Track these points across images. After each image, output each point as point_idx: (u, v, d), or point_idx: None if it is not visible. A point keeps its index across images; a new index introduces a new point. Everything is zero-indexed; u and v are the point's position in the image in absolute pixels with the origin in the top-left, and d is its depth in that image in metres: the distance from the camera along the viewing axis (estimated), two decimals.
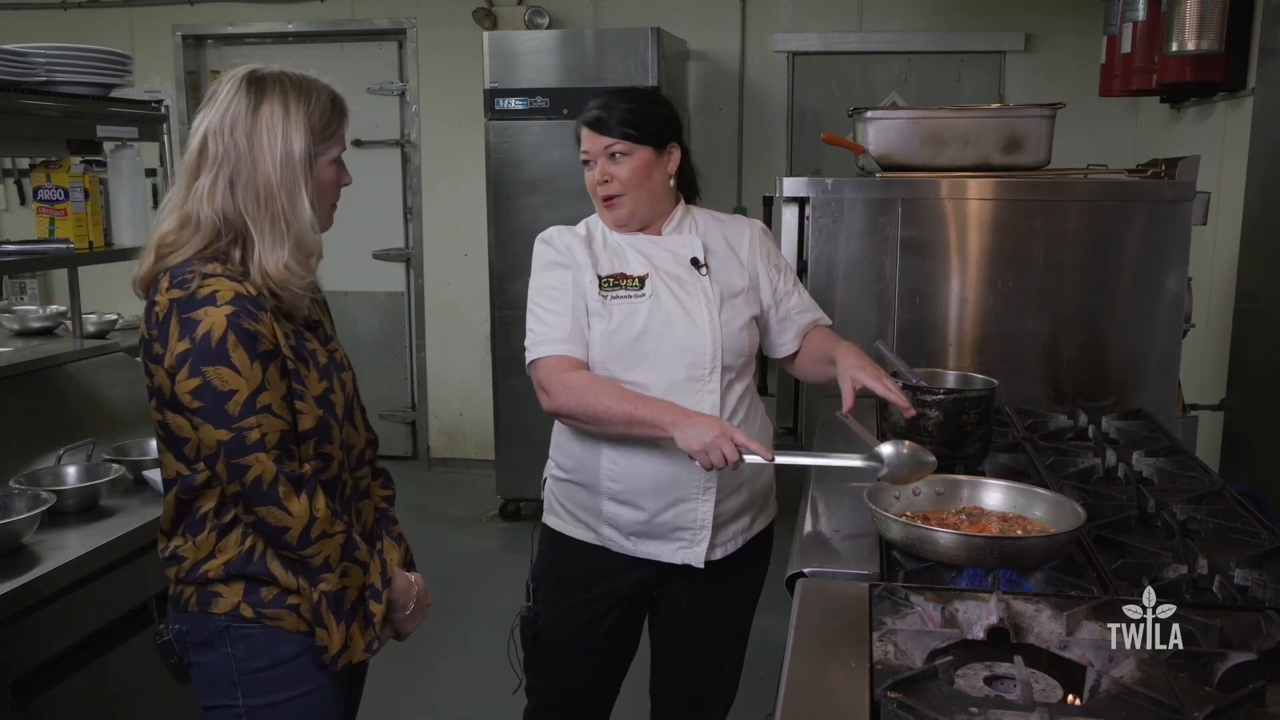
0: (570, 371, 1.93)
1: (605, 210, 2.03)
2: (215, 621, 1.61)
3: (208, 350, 1.48)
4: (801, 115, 5.25)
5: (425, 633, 1.79)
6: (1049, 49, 4.97)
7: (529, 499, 4.78)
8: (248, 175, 1.55)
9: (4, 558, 1.93)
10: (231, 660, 1.62)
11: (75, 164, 2.83)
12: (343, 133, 1.66)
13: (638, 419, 1.84)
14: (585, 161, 2.03)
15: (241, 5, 5.63)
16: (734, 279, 2.05)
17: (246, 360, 1.49)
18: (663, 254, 2.02)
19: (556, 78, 4.56)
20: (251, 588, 1.60)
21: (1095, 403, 2.57)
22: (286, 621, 1.61)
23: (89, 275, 3.32)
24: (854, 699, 1.18)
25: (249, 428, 1.48)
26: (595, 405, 1.88)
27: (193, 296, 1.50)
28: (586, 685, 2.17)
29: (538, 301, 2.00)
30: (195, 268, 1.53)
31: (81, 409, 2.78)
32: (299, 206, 1.57)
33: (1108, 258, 2.63)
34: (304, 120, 1.57)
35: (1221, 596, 1.45)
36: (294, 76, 1.61)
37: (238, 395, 1.48)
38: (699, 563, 2.01)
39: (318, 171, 1.61)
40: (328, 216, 1.68)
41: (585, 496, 2.03)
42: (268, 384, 1.51)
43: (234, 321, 1.49)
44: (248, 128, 1.55)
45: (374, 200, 5.65)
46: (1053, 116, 2.71)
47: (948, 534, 1.54)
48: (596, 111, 2.02)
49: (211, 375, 1.48)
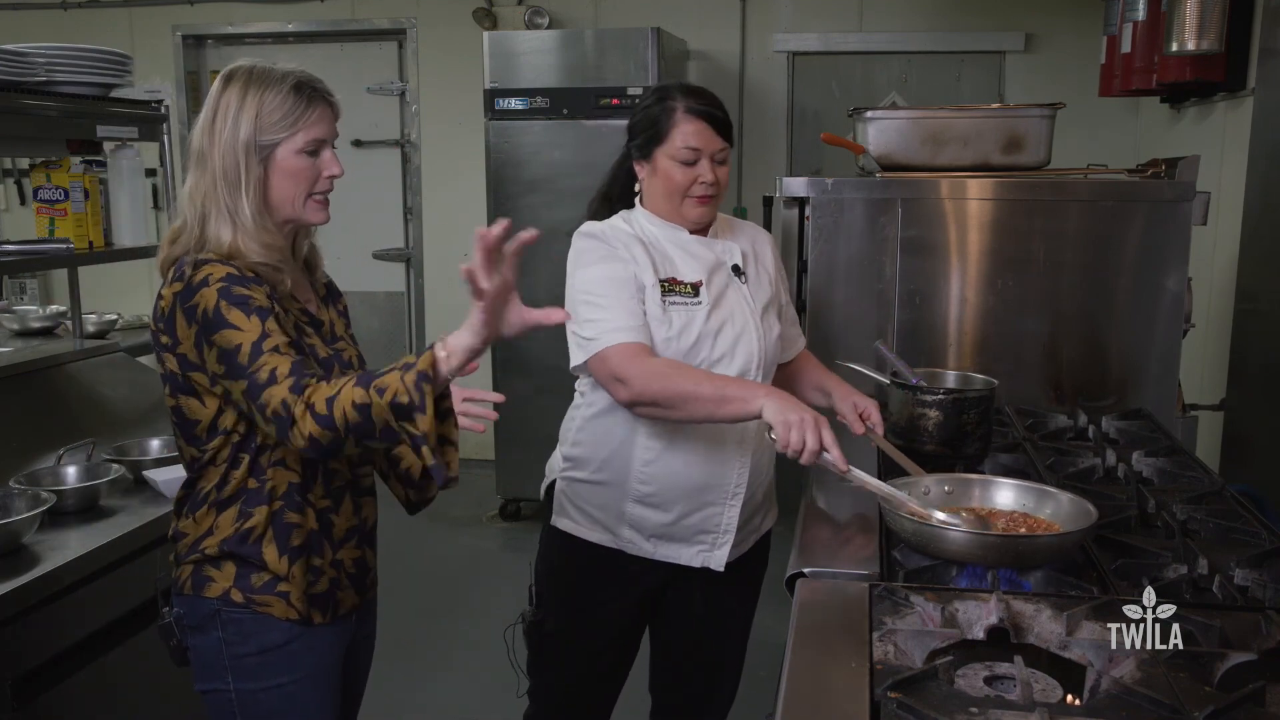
0: (647, 357, 1.86)
1: (696, 206, 1.96)
2: (208, 605, 1.64)
3: (209, 323, 1.53)
4: (801, 115, 5.25)
5: (425, 633, 1.79)
6: (1049, 49, 4.97)
7: (529, 499, 4.78)
8: (206, 165, 1.60)
9: (4, 558, 1.93)
10: (223, 644, 1.65)
11: (75, 164, 2.84)
12: (311, 120, 1.61)
13: (728, 396, 1.77)
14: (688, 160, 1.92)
15: (241, 5, 5.64)
16: (764, 288, 2.05)
17: (243, 317, 1.52)
18: (710, 257, 1.99)
19: (556, 78, 4.56)
20: (243, 572, 1.63)
21: (1095, 403, 2.57)
22: (275, 608, 1.64)
23: (89, 275, 3.33)
24: (854, 699, 1.18)
25: (258, 368, 1.50)
26: (683, 387, 1.80)
27: (189, 285, 1.55)
28: (591, 688, 2.16)
29: (595, 292, 1.91)
30: (191, 258, 1.58)
31: (81, 409, 2.78)
32: (238, 197, 1.58)
33: (1108, 258, 2.63)
34: (255, 110, 1.58)
35: (1221, 596, 1.45)
36: (261, 68, 1.61)
37: (243, 347, 1.51)
38: (720, 566, 2.01)
39: (278, 161, 1.60)
40: (307, 207, 1.65)
41: (607, 497, 2.00)
42: (269, 331, 1.52)
43: (224, 291, 1.53)
44: (210, 120, 1.60)
45: (374, 200, 5.66)
46: (1053, 116, 2.71)
47: (960, 532, 1.55)
48: (716, 110, 1.95)
49: (219, 340, 1.52)
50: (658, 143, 1.95)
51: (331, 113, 1.65)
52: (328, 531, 1.69)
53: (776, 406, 1.71)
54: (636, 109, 2.02)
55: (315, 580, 1.67)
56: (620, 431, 1.97)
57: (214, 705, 1.69)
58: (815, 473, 2.05)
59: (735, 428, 1.95)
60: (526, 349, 4.69)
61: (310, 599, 1.67)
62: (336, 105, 1.66)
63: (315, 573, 1.67)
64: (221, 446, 1.62)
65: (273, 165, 1.60)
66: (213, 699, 1.69)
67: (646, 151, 1.97)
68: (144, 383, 2.93)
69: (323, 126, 1.63)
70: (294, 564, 1.63)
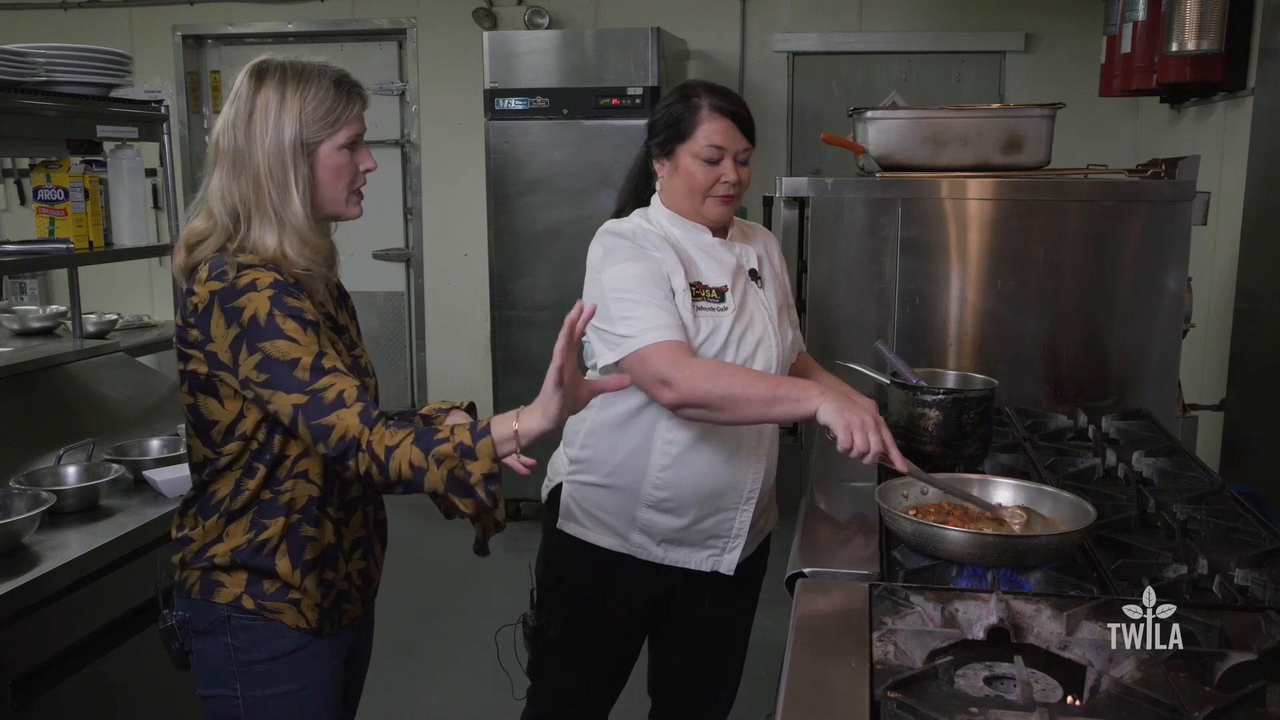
0: (691, 358, 1.80)
1: (718, 206, 1.93)
2: (217, 610, 1.62)
3: (258, 329, 1.49)
4: (801, 115, 5.25)
5: (425, 633, 1.78)
6: (1049, 49, 4.97)
7: (529, 499, 4.78)
8: (246, 166, 1.56)
9: (4, 558, 1.93)
10: (231, 650, 1.62)
11: (75, 164, 2.84)
12: (352, 116, 1.62)
13: (780, 396, 1.73)
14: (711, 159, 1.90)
15: (241, 5, 5.64)
16: (778, 291, 2.05)
17: (299, 330, 1.50)
18: (731, 261, 1.97)
19: (556, 78, 4.56)
20: (255, 579, 1.61)
21: (1095, 403, 2.57)
22: (287, 616, 1.62)
23: (89, 275, 3.33)
24: (854, 699, 1.18)
25: (323, 389, 1.47)
26: (734, 388, 1.74)
27: (233, 287, 1.51)
28: (592, 692, 2.16)
29: (630, 289, 1.84)
30: (232, 259, 1.54)
31: (81, 409, 2.78)
32: (288, 198, 1.55)
33: (1108, 258, 2.63)
34: (298, 108, 1.56)
35: (1221, 596, 1.45)
36: (297, 64, 1.59)
37: (302, 361, 1.48)
38: (730, 570, 2.00)
39: (322, 159, 1.59)
40: (349, 203, 1.65)
41: (619, 502, 1.98)
42: (326, 349, 1.51)
43: (277, 300, 1.50)
44: (245, 119, 1.56)
45: (374, 200, 5.57)
46: (1053, 116, 2.71)
47: (959, 532, 1.55)
48: (741, 110, 1.94)
49: (269, 348, 1.49)
50: (680, 140, 1.92)
51: (364, 107, 1.65)
52: (340, 544, 1.68)
53: (834, 407, 1.68)
54: (659, 105, 2.00)
55: (327, 593, 1.66)
56: (635, 436, 1.95)
57: (217, 711, 1.67)
58: (815, 473, 2.05)
59: (751, 431, 1.94)
60: (526, 349, 4.69)
61: (321, 610, 1.65)
62: (368, 99, 1.66)
63: (327, 586, 1.66)
64: (239, 453, 1.59)
65: (316, 163, 1.59)
66: (216, 705, 1.66)
67: (668, 149, 1.94)
68: (144, 383, 2.93)
69: (359, 122, 1.63)
70: (306, 577, 1.62)
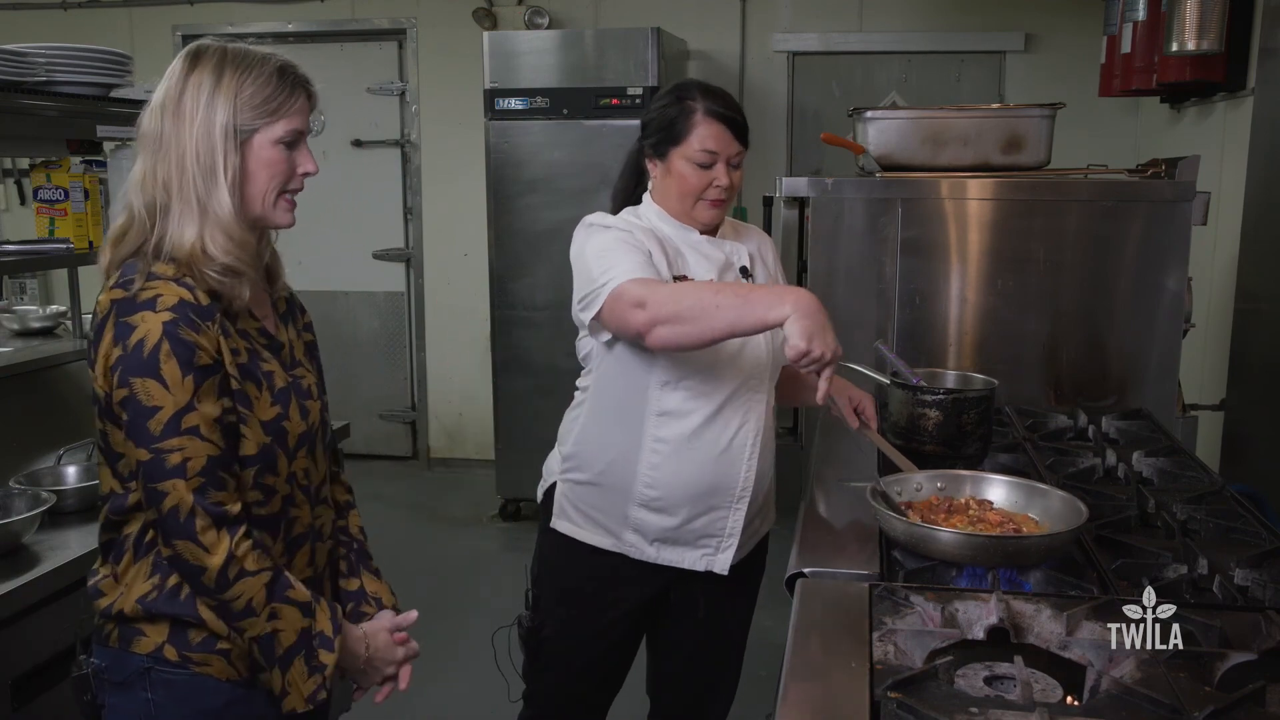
0: (662, 283, 1.78)
1: (708, 210, 1.93)
2: (136, 661, 1.45)
3: (139, 360, 1.35)
4: (801, 115, 5.25)
5: (424, 633, 1.78)
6: (1049, 49, 4.97)
7: (529, 499, 4.77)
8: (170, 150, 1.42)
9: (4, 558, 1.93)
10: (150, 706, 1.45)
11: (75, 164, 2.83)
12: (293, 110, 1.46)
13: (751, 300, 1.67)
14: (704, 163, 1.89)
15: (241, 5, 5.64)
16: None
17: (178, 374, 1.35)
18: (720, 257, 1.97)
19: (556, 78, 4.56)
20: (178, 629, 1.44)
21: (1095, 403, 2.57)
22: (215, 667, 1.45)
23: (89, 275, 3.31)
24: (854, 699, 1.18)
25: (169, 450, 1.34)
26: (702, 296, 1.70)
27: (133, 299, 1.37)
28: (589, 693, 2.15)
29: (606, 249, 1.83)
30: (144, 266, 1.41)
31: (82, 409, 2.77)
32: (214, 186, 1.41)
33: (1108, 258, 2.63)
34: (234, 91, 1.41)
35: (1221, 596, 1.45)
36: (239, 48, 1.45)
37: (161, 413, 1.34)
38: (724, 570, 2.00)
39: (255, 150, 1.44)
40: (276, 206, 1.48)
41: (611, 501, 1.98)
42: (198, 402, 1.36)
43: (170, 330, 1.35)
44: (175, 100, 1.42)
45: (374, 200, 5.66)
46: (1053, 116, 2.71)
47: (950, 533, 1.55)
48: (735, 115, 1.92)
49: (138, 387, 1.35)
50: (674, 143, 1.91)
51: (310, 104, 1.49)
52: None
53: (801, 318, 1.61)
54: (652, 106, 1.99)
55: None
56: (626, 434, 1.95)
57: None
58: (815, 473, 2.05)
59: (743, 430, 1.94)
60: (526, 349, 4.69)
61: (254, 660, 1.45)
62: (316, 96, 1.50)
63: None
64: None
65: (249, 155, 1.43)
66: None
67: (661, 151, 1.94)
68: None
69: (302, 118, 1.48)
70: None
